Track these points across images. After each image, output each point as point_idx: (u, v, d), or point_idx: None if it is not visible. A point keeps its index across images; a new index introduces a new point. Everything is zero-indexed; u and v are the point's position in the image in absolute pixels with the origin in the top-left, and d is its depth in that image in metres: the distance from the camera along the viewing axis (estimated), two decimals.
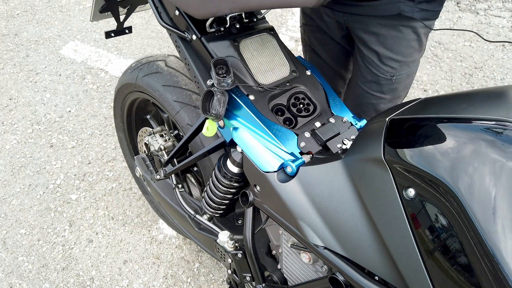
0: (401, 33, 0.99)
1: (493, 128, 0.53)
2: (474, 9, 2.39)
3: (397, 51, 1.02)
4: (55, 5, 2.45)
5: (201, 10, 0.75)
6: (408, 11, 0.95)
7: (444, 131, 0.56)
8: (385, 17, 0.97)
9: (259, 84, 0.84)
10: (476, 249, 0.49)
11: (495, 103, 0.57)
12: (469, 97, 0.61)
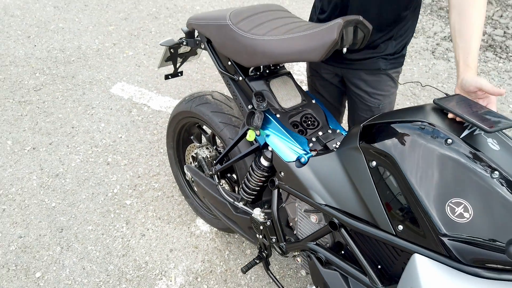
0: (381, 78, 1.45)
1: (416, 125, 0.98)
2: (446, 57, 2.91)
3: (380, 89, 1.47)
4: (103, 53, 2.99)
5: (248, 62, 1.23)
6: (383, 66, 1.41)
7: (392, 128, 1.01)
8: (369, 69, 1.44)
9: (282, 108, 1.31)
10: (407, 192, 0.92)
11: (418, 111, 1.02)
12: (406, 110, 1.07)
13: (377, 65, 1.39)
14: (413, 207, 0.90)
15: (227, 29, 1.24)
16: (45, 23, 3.31)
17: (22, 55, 2.99)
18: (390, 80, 1.45)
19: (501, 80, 2.72)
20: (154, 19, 3.33)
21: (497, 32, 3.14)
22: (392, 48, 1.36)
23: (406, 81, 0.94)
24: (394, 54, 1.38)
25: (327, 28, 1.07)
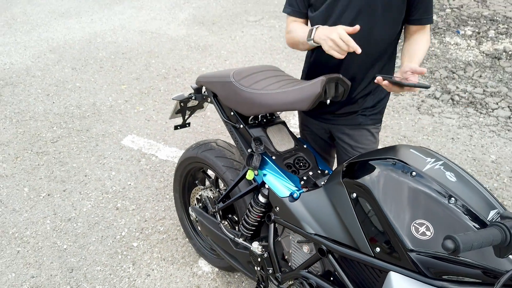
0: (362, 133, 1.65)
1: (388, 161, 1.17)
2: (431, 112, 3.17)
3: (361, 142, 1.67)
4: (116, 109, 3.26)
5: (248, 112, 1.45)
6: (363, 121, 1.62)
7: (368, 164, 1.20)
8: (351, 125, 1.63)
9: (278, 151, 1.51)
10: (380, 217, 1.09)
11: (390, 150, 1.22)
12: (381, 149, 1.26)
13: (358, 121, 1.59)
14: (386, 229, 1.06)
15: (230, 85, 1.47)
16: (63, 82, 3.62)
17: (41, 111, 3.26)
18: (370, 135, 1.65)
19: (482, 133, 2.95)
20: (163, 79, 3.65)
21: (477, 90, 3.43)
22: (370, 102, 1.57)
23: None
24: (372, 108, 1.59)
25: (312, 84, 1.30)
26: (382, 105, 1.62)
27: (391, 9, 1.35)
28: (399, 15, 1.38)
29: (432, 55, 3.97)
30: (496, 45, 4.09)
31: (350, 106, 1.56)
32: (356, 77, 1.48)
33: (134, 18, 4.84)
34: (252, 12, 4.97)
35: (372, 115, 1.59)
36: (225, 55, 4.05)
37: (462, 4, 4.98)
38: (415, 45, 1.41)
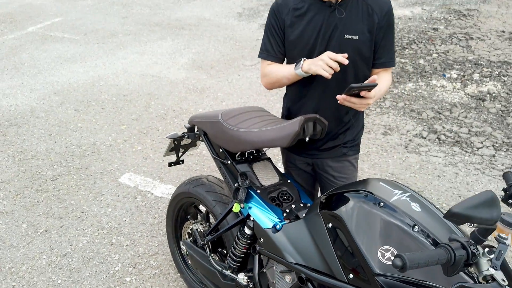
0: (344, 164, 1.78)
1: (359, 193, 1.27)
2: (418, 151, 3.29)
3: (343, 173, 1.79)
4: (115, 148, 3.39)
5: (234, 149, 1.57)
6: (345, 152, 1.75)
7: (342, 196, 1.30)
8: (334, 157, 1.75)
9: (263, 185, 1.61)
10: (352, 244, 1.17)
11: (362, 183, 1.32)
12: (354, 183, 1.36)
13: (340, 152, 1.72)
14: (356, 256, 1.15)
15: (219, 124, 1.60)
16: (65, 123, 3.78)
17: (43, 150, 3.39)
18: (351, 165, 1.77)
19: (467, 171, 3.05)
20: (161, 119, 3.81)
21: (463, 130, 3.57)
22: (350, 136, 1.71)
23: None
24: (352, 140, 1.72)
25: (291, 123, 1.43)
26: (359, 136, 1.77)
27: (361, 56, 1.51)
28: (367, 60, 1.55)
29: (419, 96, 4.16)
30: (480, 87, 4.29)
31: (333, 141, 1.69)
32: (335, 116, 1.62)
33: (136, 63, 5.09)
34: (249, 57, 5.23)
35: (352, 146, 1.74)
36: (222, 97, 4.24)
37: (448, 49, 5.24)
38: (380, 79, 1.55)
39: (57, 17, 6.79)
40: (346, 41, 1.48)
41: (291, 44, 1.56)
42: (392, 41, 1.57)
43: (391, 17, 1.52)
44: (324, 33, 1.49)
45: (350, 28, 1.48)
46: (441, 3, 7.20)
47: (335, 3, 1.48)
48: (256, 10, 7.07)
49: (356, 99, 1.34)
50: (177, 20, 6.64)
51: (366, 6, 1.49)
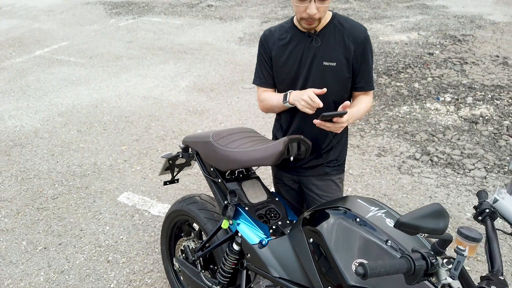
0: (328, 183, 1.85)
1: (337, 209, 1.34)
2: (411, 172, 3.35)
3: (327, 191, 1.86)
4: (114, 168, 3.48)
5: (224, 168, 1.65)
6: (328, 171, 1.83)
7: (322, 212, 1.38)
8: (318, 175, 1.84)
9: (251, 203, 1.68)
10: (329, 258, 1.24)
11: (341, 200, 1.39)
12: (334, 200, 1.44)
13: (323, 171, 1.80)
14: (333, 268, 1.21)
15: (209, 144, 1.70)
16: (68, 143, 3.89)
17: (45, 169, 3.48)
18: (335, 185, 1.85)
19: (459, 192, 3.11)
20: (161, 140, 3.91)
21: (455, 152, 3.64)
22: (333, 156, 1.79)
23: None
24: (335, 160, 1.80)
25: (276, 143, 1.52)
26: (343, 157, 1.84)
27: (340, 81, 1.62)
28: (346, 85, 1.66)
29: (413, 119, 4.25)
30: (473, 110, 4.38)
31: (316, 160, 1.78)
32: (318, 137, 1.71)
33: (139, 85, 5.24)
34: (248, 80, 5.37)
35: (335, 166, 1.81)
36: (221, 119, 4.35)
37: (443, 73, 5.37)
38: (358, 101, 1.69)
39: (64, 41, 7.02)
40: (325, 68, 1.60)
41: (277, 71, 1.69)
42: (370, 66, 1.68)
43: (367, 44, 1.63)
44: (305, 61, 1.62)
45: (327, 56, 1.59)
46: (437, 28, 7.38)
47: (313, 33, 1.60)
48: (256, 35, 7.28)
49: (330, 124, 1.46)
50: (180, 45, 6.84)
51: (342, 35, 1.61)
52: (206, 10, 9.02)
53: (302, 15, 1.52)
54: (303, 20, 1.54)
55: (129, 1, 9.78)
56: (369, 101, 1.71)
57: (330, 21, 1.62)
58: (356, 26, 1.63)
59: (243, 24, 8.00)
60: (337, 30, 1.61)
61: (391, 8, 9.00)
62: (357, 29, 1.62)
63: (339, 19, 1.63)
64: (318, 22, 1.55)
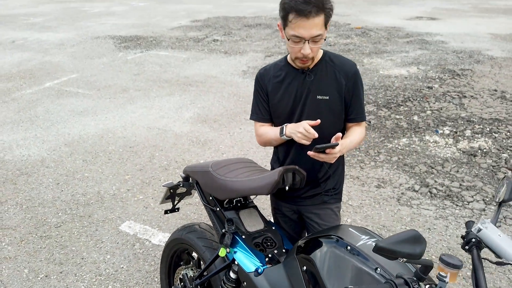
0: (326, 212, 1.91)
1: (330, 238, 1.39)
2: (410, 204, 3.39)
3: (326, 220, 1.91)
4: (118, 197, 3.54)
5: (222, 196, 1.71)
6: (327, 200, 1.89)
7: (315, 241, 1.42)
8: (316, 204, 1.90)
9: (248, 231, 1.73)
10: (320, 284, 1.28)
11: (334, 229, 1.44)
12: (327, 228, 1.48)
13: (322, 200, 1.86)
14: None
15: (209, 174, 1.77)
16: (73, 172, 3.97)
17: (50, 198, 3.55)
18: (333, 214, 1.90)
19: (458, 224, 3.13)
20: (164, 170, 3.99)
21: (454, 184, 3.68)
22: (331, 184, 1.85)
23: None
24: (333, 189, 1.86)
25: (272, 173, 1.59)
26: (340, 186, 1.90)
27: (334, 113, 1.72)
28: (340, 117, 1.76)
29: (413, 151, 4.32)
30: (472, 143, 4.45)
31: (314, 189, 1.84)
32: (314, 167, 1.78)
33: (144, 116, 5.38)
34: None
35: (333, 195, 1.87)
36: (223, 149, 4.44)
37: (442, 106, 5.48)
38: (351, 132, 1.78)
39: (74, 74, 7.25)
40: (318, 101, 1.70)
41: (273, 106, 1.79)
42: (361, 99, 1.78)
43: (357, 78, 1.74)
44: (300, 96, 1.72)
45: (321, 90, 1.70)
46: (436, 63, 7.57)
47: (306, 70, 1.71)
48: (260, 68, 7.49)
49: (323, 155, 1.54)
50: (185, 77, 7.04)
51: (333, 70, 1.72)
52: (212, 45, 9.32)
53: (297, 55, 1.62)
54: (298, 59, 1.65)
55: (138, 36, 10.14)
56: (362, 132, 1.80)
57: (321, 58, 1.73)
58: (346, 62, 1.75)
59: (247, 58, 8.25)
60: (329, 66, 1.72)
61: (391, 43, 9.26)
62: (347, 64, 1.73)
63: (329, 56, 1.75)
64: (311, 61, 1.67)
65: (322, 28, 1.56)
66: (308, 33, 1.54)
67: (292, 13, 1.52)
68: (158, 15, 13.20)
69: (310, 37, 1.55)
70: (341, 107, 1.73)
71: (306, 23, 1.52)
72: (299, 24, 1.52)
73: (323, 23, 1.56)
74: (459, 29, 10.77)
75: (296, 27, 1.54)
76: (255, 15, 13.06)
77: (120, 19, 12.61)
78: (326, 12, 1.55)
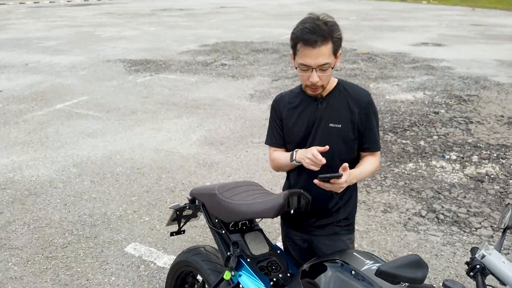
0: (338, 243, 1.85)
1: (334, 262, 1.39)
2: (417, 229, 3.36)
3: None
4: (124, 219, 3.56)
5: (227, 219, 1.73)
6: (339, 231, 1.85)
7: (320, 265, 1.43)
8: (328, 235, 1.86)
9: (253, 255, 1.74)
10: None
11: (339, 253, 1.45)
12: (333, 253, 1.49)
13: (334, 230, 1.84)
14: None
15: (215, 196, 1.79)
16: (80, 193, 4.01)
17: (57, 218, 3.58)
18: (345, 245, 1.87)
19: (465, 250, 3.09)
20: (171, 192, 4.01)
21: (461, 210, 3.65)
22: (343, 215, 1.84)
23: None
24: (345, 219, 1.85)
25: (277, 197, 1.61)
26: (352, 217, 1.89)
27: (346, 142, 1.74)
28: (352, 146, 1.76)
29: (419, 176, 4.31)
30: (479, 169, 4.43)
31: (326, 218, 1.83)
32: (325, 194, 1.74)
33: (152, 138, 5.45)
34: (257, 135, 5.56)
35: (345, 226, 1.85)
36: (229, 172, 4.46)
37: (448, 132, 5.49)
38: (363, 162, 1.78)
39: (84, 96, 7.40)
40: (331, 129, 1.72)
41: (287, 132, 1.83)
42: (374, 128, 1.78)
43: (370, 108, 1.75)
44: (312, 123, 1.75)
45: (333, 118, 1.72)
46: (443, 88, 7.62)
47: (319, 98, 1.74)
48: (267, 92, 7.60)
49: (328, 184, 1.54)
50: (193, 100, 7.15)
51: (346, 99, 1.73)
52: (220, 69, 9.48)
53: (306, 83, 1.66)
54: (308, 87, 1.69)
55: (148, 60, 10.37)
56: (375, 162, 1.80)
57: (335, 86, 1.75)
58: (359, 91, 1.77)
59: (254, 82, 8.37)
60: (342, 95, 1.73)
61: (397, 69, 9.36)
62: (361, 93, 1.75)
63: (343, 84, 1.77)
64: (322, 89, 1.68)
65: (330, 56, 1.59)
66: (315, 62, 1.57)
67: (300, 42, 1.57)
68: (167, 39, 13.51)
69: (317, 66, 1.58)
70: (353, 136, 1.73)
71: (312, 52, 1.55)
72: (306, 53, 1.56)
73: (331, 52, 1.58)
74: (465, 55, 10.87)
75: (303, 56, 1.58)
76: (263, 40, 13.32)
77: (131, 43, 12.92)
78: (334, 41, 1.58)
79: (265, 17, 20.03)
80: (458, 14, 22.15)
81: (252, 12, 22.89)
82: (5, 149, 5.08)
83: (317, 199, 1.74)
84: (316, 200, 1.74)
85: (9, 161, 4.73)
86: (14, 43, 12.90)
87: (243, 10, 24.23)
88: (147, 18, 19.52)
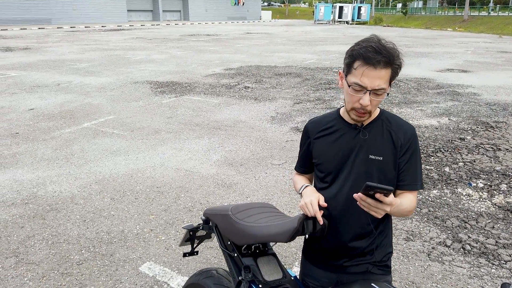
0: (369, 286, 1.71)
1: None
2: (441, 260, 3.20)
3: None
4: (140, 237, 3.55)
5: (239, 241, 1.69)
6: (371, 269, 1.71)
7: None
8: (360, 273, 1.67)
9: (265, 280, 1.68)
10: None
11: (356, 284, 1.38)
12: (350, 283, 1.42)
13: (365, 268, 1.69)
14: None
15: (228, 218, 1.76)
16: (100, 210, 4.05)
17: (75, 235, 3.61)
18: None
19: (494, 284, 2.91)
20: (188, 211, 4.00)
21: (489, 241, 3.47)
22: (378, 257, 1.70)
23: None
24: (380, 262, 1.71)
25: (292, 220, 1.56)
26: (388, 257, 1.74)
27: (385, 176, 1.62)
28: (392, 180, 1.63)
29: (444, 204, 4.14)
30: (508, 198, 4.23)
31: (359, 259, 1.69)
32: (362, 233, 1.67)
33: (173, 158, 5.49)
34: (277, 156, 5.52)
35: (381, 266, 1.71)
36: (247, 193, 4.42)
37: (475, 159, 5.30)
38: (401, 197, 1.61)
39: (111, 115, 7.58)
40: (370, 161, 1.59)
41: (319, 160, 1.70)
42: (417, 164, 1.63)
43: (414, 142, 1.61)
44: (350, 153, 1.62)
45: (374, 149, 1.59)
46: (469, 115, 7.42)
47: (360, 126, 1.62)
48: (288, 115, 7.59)
49: (371, 201, 1.35)
50: (215, 122, 7.22)
51: (389, 131, 1.61)
52: (243, 91, 9.58)
53: (355, 105, 1.52)
54: (354, 110, 1.54)
55: (173, 82, 10.60)
56: (413, 201, 1.62)
57: (378, 116, 1.64)
58: (403, 124, 1.64)
59: (276, 104, 8.40)
60: (385, 126, 1.62)
61: (421, 94, 9.21)
62: (405, 126, 1.62)
63: (387, 115, 1.65)
64: (368, 115, 1.56)
65: (387, 82, 1.49)
66: (371, 84, 1.46)
67: (360, 60, 1.46)
68: (194, 63, 13.83)
69: (372, 88, 1.47)
70: (394, 171, 1.61)
71: (371, 73, 1.45)
72: (365, 73, 1.45)
73: (388, 78, 1.49)
74: (492, 82, 10.62)
75: (360, 75, 1.46)
76: (286, 64, 13.44)
77: (159, 66, 13.28)
78: (394, 68, 1.49)
79: (289, 43, 20.29)
80: (485, 41, 21.81)
81: (276, 38, 23.25)
82: (31, 164, 5.23)
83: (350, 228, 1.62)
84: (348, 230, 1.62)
85: (34, 177, 4.85)
86: (49, 64, 13.49)
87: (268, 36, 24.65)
88: (176, 43, 20.11)
